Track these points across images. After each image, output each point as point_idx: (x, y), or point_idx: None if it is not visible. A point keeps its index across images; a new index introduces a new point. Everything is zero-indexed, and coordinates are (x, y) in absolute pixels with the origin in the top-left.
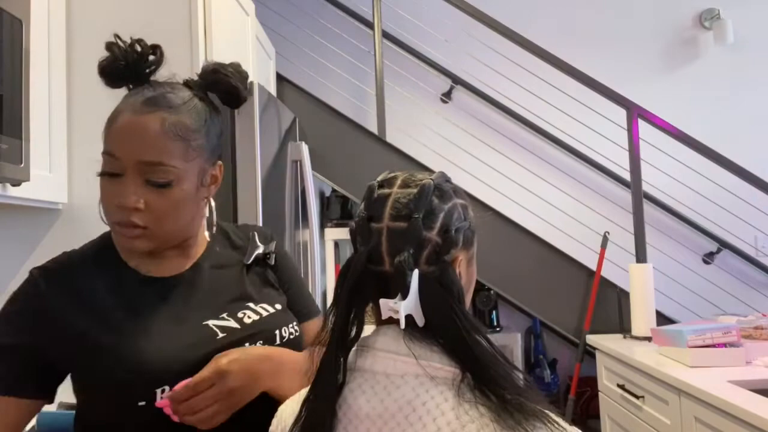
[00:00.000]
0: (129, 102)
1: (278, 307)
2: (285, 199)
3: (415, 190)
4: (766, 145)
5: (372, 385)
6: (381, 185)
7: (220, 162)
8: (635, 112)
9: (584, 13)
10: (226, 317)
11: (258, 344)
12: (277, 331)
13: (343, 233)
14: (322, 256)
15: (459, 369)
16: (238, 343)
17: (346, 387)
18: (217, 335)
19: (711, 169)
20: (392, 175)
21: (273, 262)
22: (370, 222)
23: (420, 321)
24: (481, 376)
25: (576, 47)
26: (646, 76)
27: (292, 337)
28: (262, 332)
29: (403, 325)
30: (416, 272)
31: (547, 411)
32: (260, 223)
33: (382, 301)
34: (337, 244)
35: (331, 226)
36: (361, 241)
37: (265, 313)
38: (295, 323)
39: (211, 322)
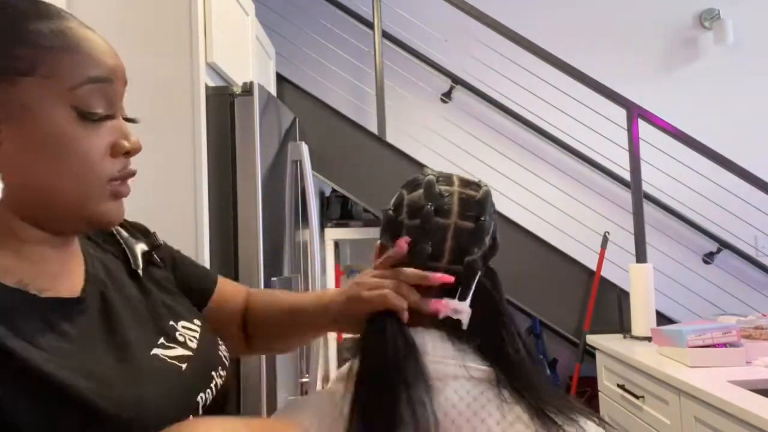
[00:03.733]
0: (70, 17)
1: (197, 323)
2: (285, 199)
3: (476, 193)
4: (766, 145)
5: None
6: (438, 180)
7: None
8: (635, 112)
9: (584, 12)
10: (167, 343)
11: (220, 372)
12: (220, 353)
13: (343, 233)
14: (322, 257)
15: (492, 368)
16: (204, 374)
17: None
18: (181, 369)
19: (711, 169)
20: (441, 173)
21: (158, 259)
22: (436, 215)
23: (464, 326)
24: (517, 377)
25: (576, 47)
26: (646, 76)
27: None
28: (212, 357)
29: (465, 326)
30: (479, 274)
31: (583, 409)
32: (260, 223)
33: (447, 301)
34: (337, 244)
35: (331, 226)
36: (422, 236)
37: (197, 331)
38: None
39: (159, 352)
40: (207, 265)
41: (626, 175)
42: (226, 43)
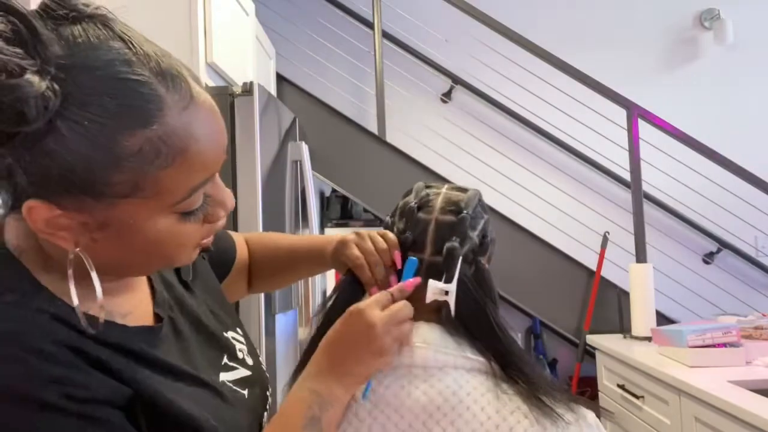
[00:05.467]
0: (169, 96)
1: (240, 331)
2: (285, 199)
3: (464, 194)
4: (766, 145)
5: (410, 379)
6: (428, 186)
7: None
8: (635, 112)
9: (584, 13)
10: (230, 363)
11: (270, 390)
12: (263, 366)
13: (343, 233)
14: None
15: (487, 359)
16: (262, 397)
17: (381, 384)
18: (245, 396)
19: (711, 169)
20: (434, 183)
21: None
22: (419, 211)
23: (453, 311)
24: (513, 366)
25: (576, 47)
26: (646, 76)
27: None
28: (263, 375)
29: (453, 306)
30: (461, 259)
31: (575, 399)
32: (260, 223)
33: (431, 282)
34: None
35: (331, 226)
36: (404, 229)
37: (245, 343)
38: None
39: (225, 378)
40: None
41: (626, 175)
42: (226, 43)
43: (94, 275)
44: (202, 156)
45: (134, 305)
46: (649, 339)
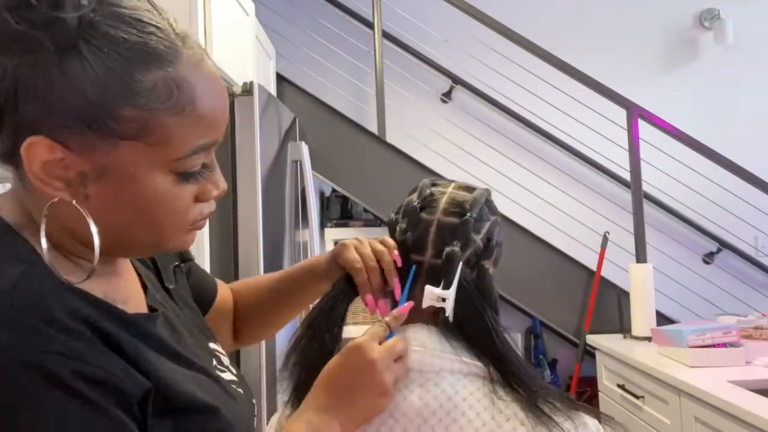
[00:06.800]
0: (187, 46)
1: (220, 348)
2: (285, 199)
3: (470, 194)
4: (766, 145)
5: (406, 383)
6: (434, 184)
7: None
8: (635, 112)
9: (584, 13)
10: (219, 366)
11: (254, 398)
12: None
13: (343, 233)
14: None
15: (485, 364)
16: (249, 400)
17: None
18: (241, 393)
19: (711, 169)
20: (441, 180)
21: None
22: (421, 212)
23: (450, 316)
24: (510, 373)
25: (576, 47)
26: (646, 76)
27: None
28: (248, 385)
29: (449, 311)
30: (461, 265)
31: (584, 407)
32: (260, 223)
33: (428, 288)
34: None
35: (331, 226)
36: (406, 229)
37: (225, 355)
38: None
39: (220, 376)
40: (207, 266)
41: (626, 175)
42: (226, 43)
43: (91, 223)
44: (210, 114)
45: (130, 293)
46: (649, 339)
